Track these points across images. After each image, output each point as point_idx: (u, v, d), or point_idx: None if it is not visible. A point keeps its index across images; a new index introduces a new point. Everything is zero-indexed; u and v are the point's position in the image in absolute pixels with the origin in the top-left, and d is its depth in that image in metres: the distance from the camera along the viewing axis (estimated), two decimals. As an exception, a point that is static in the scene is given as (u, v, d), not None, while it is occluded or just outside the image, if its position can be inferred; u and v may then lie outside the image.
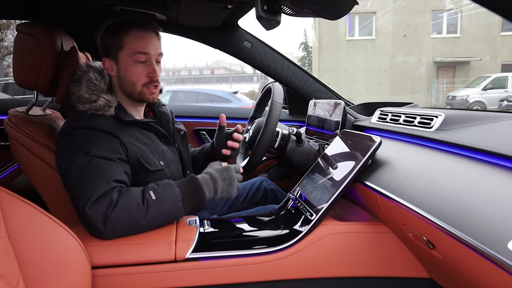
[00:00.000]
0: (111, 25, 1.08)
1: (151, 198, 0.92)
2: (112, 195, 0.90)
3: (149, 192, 0.93)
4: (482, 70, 14.86)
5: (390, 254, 0.97)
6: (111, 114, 1.04)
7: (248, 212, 1.25)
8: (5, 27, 15.09)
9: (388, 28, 15.73)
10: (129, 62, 1.05)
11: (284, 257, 0.93)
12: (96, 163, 0.94)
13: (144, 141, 1.09)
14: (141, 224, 0.91)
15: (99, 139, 0.98)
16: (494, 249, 0.55)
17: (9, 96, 8.19)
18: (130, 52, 1.05)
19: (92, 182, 0.91)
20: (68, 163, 0.95)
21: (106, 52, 1.08)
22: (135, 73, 1.06)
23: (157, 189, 0.95)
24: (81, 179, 0.92)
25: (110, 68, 1.08)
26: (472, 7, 14.58)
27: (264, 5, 0.93)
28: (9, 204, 0.68)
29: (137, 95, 1.09)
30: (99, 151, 0.96)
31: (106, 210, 0.88)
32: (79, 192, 0.91)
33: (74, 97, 1.05)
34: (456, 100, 12.65)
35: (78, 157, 0.94)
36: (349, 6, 1.05)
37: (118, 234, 0.90)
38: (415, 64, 15.85)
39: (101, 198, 0.89)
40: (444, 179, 0.76)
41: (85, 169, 0.93)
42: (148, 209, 0.91)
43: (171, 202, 0.94)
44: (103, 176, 0.93)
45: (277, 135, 1.30)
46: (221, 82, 36.74)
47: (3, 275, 0.58)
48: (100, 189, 0.90)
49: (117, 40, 1.05)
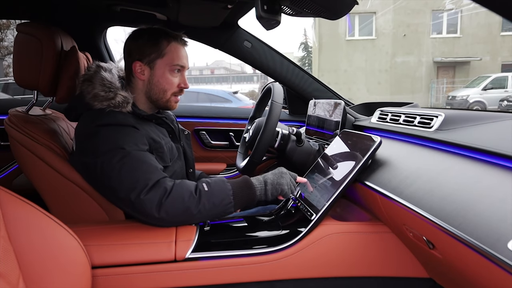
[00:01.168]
0: (150, 31, 1.11)
1: (204, 189, 0.97)
2: (166, 183, 0.95)
3: (202, 184, 0.98)
4: (482, 70, 14.86)
5: (390, 254, 0.97)
6: (128, 110, 1.07)
7: (248, 212, 1.25)
8: (5, 27, 15.08)
9: (388, 28, 15.73)
10: (166, 70, 1.11)
11: (284, 257, 0.93)
12: (135, 154, 0.98)
13: (160, 136, 1.12)
14: (192, 213, 0.94)
15: (127, 134, 1.01)
16: (494, 249, 0.55)
17: (9, 96, 8.19)
18: (170, 62, 1.11)
19: (142, 172, 0.95)
20: (107, 161, 0.96)
21: (139, 56, 1.10)
22: (170, 81, 1.12)
23: (210, 182, 1.00)
24: (128, 170, 0.95)
25: (141, 71, 1.11)
26: (472, 7, 14.58)
27: (264, 5, 0.93)
28: (9, 203, 0.68)
29: (164, 102, 1.14)
30: (133, 144, 0.99)
31: (161, 196, 0.92)
32: (130, 182, 0.94)
33: (89, 96, 1.06)
34: (456, 100, 12.65)
35: (117, 152, 0.97)
36: (349, 6, 1.05)
37: (170, 221, 0.95)
38: (415, 64, 15.85)
39: (157, 185, 0.93)
40: (444, 178, 0.76)
41: (129, 161, 0.96)
42: (200, 199, 0.95)
43: (223, 195, 0.98)
44: (149, 165, 0.97)
45: (277, 135, 1.30)
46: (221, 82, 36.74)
47: (3, 275, 0.58)
48: (154, 176, 0.95)
49: (157, 48, 1.09)
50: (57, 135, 1.15)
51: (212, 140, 1.96)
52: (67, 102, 1.16)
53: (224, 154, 1.97)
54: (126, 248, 0.90)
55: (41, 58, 1.11)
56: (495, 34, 15.44)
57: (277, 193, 1.04)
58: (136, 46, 1.11)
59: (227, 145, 1.97)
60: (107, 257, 0.88)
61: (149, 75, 1.11)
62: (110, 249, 0.89)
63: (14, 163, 1.64)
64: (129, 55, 1.12)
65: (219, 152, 1.97)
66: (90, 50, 1.41)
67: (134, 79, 1.13)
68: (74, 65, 1.15)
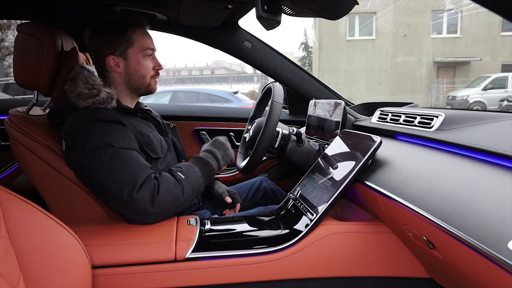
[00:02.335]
0: (113, 23, 1.12)
1: (181, 177, 1.03)
2: (153, 179, 0.99)
3: (177, 173, 1.04)
4: (482, 70, 14.85)
5: (390, 254, 0.97)
6: (114, 106, 1.08)
7: (248, 212, 1.25)
8: (6, 27, 15.08)
9: (388, 28, 15.73)
10: (140, 57, 1.13)
11: (284, 257, 0.93)
12: (124, 153, 1.00)
13: (147, 130, 1.14)
14: (180, 201, 1.01)
15: (115, 130, 1.03)
16: (494, 249, 0.55)
17: (9, 96, 8.19)
18: (140, 48, 1.13)
19: (131, 170, 0.98)
20: (96, 159, 0.98)
21: (110, 50, 1.10)
22: (146, 66, 1.14)
23: (182, 169, 1.06)
24: (118, 169, 0.97)
25: (115, 64, 1.12)
26: (472, 7, 14.57)
27: (264, 5, 0.93)
28: (10, 203, 0.68)
29: (145, 87, 1.16)
30: (121, 142, 1.01)
31: (152, 193, 0.96)
32: (120, 181, 0.96)
33: (72, 95, 1.06)
34: (456, 100, 12.65)
35: (106, 150, 0.98)
36: (349, 6, 1.05)
37: (163, 213, 0.99)
38: (415, 64, 15.85)
39: (146, 183, 0.97)
40: (444, 178, 0.76)
41: (118, 160, 0.98)
42: (183, 187, 1.02)
43: (196, 178, 1.07)
44: (137, 164, 1.00)
45: (277, 135, 1.30)
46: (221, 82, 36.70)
47: (4, 275, 0.58)
48: (142, 174, 0.98)
49: (125, 38, 1.11)
50: (57, 135, 1.15)
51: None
52: None
53: None
54: (126, 248, 0.90)
55: (41, 58, 1.11)
56: (495, 34, 15.43)
57: (227, 163, 1.18)
58: (103, 41, 1.11)
59: (227, 145, 1.97)
60: (107, 257, 0.88)
61: (125, 65, 1.13)
62: (110, 249, 0.89)
63: (15, 163, 1.64)
64: (97, 52, 1.12)
65: (219, 152, 1.97)
66: (90, 50, 1.41)
67: (110, 73, 1.13)
68: (74, 65, 1.15)
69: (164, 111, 1.90)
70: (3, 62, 15.50)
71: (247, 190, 1.45)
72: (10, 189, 0.70)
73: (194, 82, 37.58)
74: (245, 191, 1.45)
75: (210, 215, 1.26)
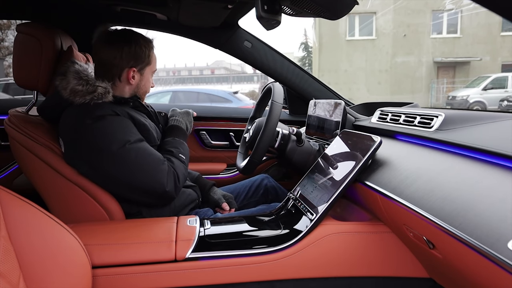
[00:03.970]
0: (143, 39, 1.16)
1: (184, 159, 1.18)
2: (170, 169, 1.10)
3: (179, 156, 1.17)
4: (482, 70, 14.85)
5: (390, 254, 0.97)
6: (110, 99, 1.10)
7: (250, 211, 1.26)
8: (6, 27, 15.08)
9: (388, 28, 15.72)
10: (149, 76, 1.23)
11: (284, 257, 0.93)
12: (140, 147, 1.07)
13: (143, 119, 1.17)
14: (185, 177, 1.18)
15: (124, 124, 1.08)
16: (494, 249, 0.55)
17: (9, 96, 8.19)
18: (153, 68, 1.23)
19: (154, 166, 1.07)
20: (118, 157, 1.03)
21: (134, 63, 1.15)
22: (149, 84, 1.25)
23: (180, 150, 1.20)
24: (143, 167, 1.06)
25: (132, 77, 1.16)
26: (472, 7, 14.56)
27: (264, 5, 0.93)
28: (10, 203, 0.68)
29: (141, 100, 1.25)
30: (134, 136, 1.07)
31: (175, 182, 1.10)
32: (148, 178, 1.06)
33: (66, 92, 1.06)
34: (456, 100, 12.64)
35: (125, 149, 1.04)
36: (349, 6, 1.04)
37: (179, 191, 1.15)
38: (415, 64, 15.84)
39: (168, 176, 1.09)
40: (444, 178, 0.76)
41: (141, 155, 1.06)
42: (187, 165, 1.20)
43: (187, 151, 1.24)
44: (154, 157, 1.09)
45: (277, 135, 1.30)
46: (221, 82, 36.68)
47: (4, 275, 0.58)
48: (163, 168, 1.08)
49: (147, 56, 1.18)
50: (57, 135, 1.15)
51: (212, 140, 1.96)
52: None
53: (224, 154, 1.97)
54: (126, 248, 0.90)
55: (40, 58, 1.11)
56: (495, 34, 15.42)
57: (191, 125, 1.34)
58: (131, 53, 1.13)
59: (227, 145, 1.97)
60: (107, 257, 0.88)
61: (138, 80, 1.18)
62: (110, 249, 0.89)
63: (14, 163, 1.64)
64: (119, 59, 1.12)
65: (219, 152, 1.97)
66: (90, 50, 1.41)
67: (120, 83, 1.16)
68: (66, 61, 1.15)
69: (164, 111, 1.90)
70: (3, 62, 15.49)
71: (247, 188, 1.45)
72: (10, 189, 0.70)
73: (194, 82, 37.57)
74: (246, 189, 1.45)
75: (212, 213, 1.26)
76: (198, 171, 1.47)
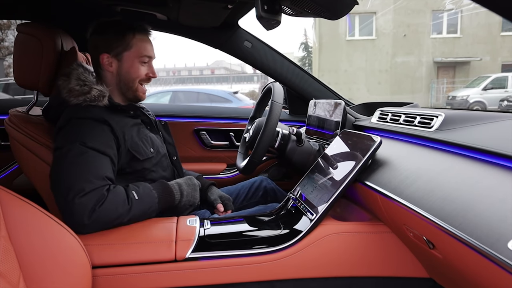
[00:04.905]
0: (114, 24, 1.13)
1: (134, 197, 0.99)
2: (103, 191, 0.95)
3: (132, 192, 1.00)
4: (482, 70, 14.85)
5: (390, 254, 0.97)
6: (105, 104, 1.09)
7: (249, 211, 1.26)
8: (6, 27, 15.08)
9: (388, 28, 15.72)
10: (135, 62, 1.14)
11: (284, 257, 0.93)
12: (91, 155, 0.98)
13: (135, 130, 1.14)
14: (122, 221, 0.96)
15: (95, 131, 1.02)
16: (494, 249, 0.55)
17: (9, 96, 8.19)
18: (137, 54, 1.13)
19: (86, 174, 0.95)
20: (64, 152, 0.97)
21: (106, 49, 1.12)
22: (138, 71, 1.15)
23: (138, 190, 1.02)
24: (75, 168, 0.95)
25: (108, 63, 1.13)
26: (472, 7, 14.56)
27: (264, 5, 0.93)
28: (10, 203, 0.68)
29: (132, 92, 1.16)
30: (96, 143, 1.00)
31: (95, 204, 0.92)
32: (70, 181, 0.93)
33: (64, 91, 1.07)
34: (456, 100, 12.64)
35: (74, 147, 0.97)
36: (349, 6, 1.04)
37: (98, 228, 0.93)
38: (415, 64, 15.84)
39: (94, 192, 0.93)
40: (444, 178, 0.76)
41: (80, 159, 0.96)
42: (131, 207, 0.97)
43: (150, 202, 1.03)
44: (97, 170, 0.97)
45: (277, 135, 1.30)
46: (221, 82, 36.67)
47: (4, 275, 0.58)
48: (94, 183, 0.94)
49: (123, 40, 1.11)
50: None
51: (212, 140, 1.96)
52: None
53: (224, 154, 1.97)
54: (126, 248, 0.90)
55: (41, 58, 1.11)
56: (495, 34, 15.42)
57: (189, 204, 1.14)
58: (102, 40, 1.13)
59: (227, 145, 1.97)
60: (107, 257, 0.88)
61: (117, 66, 1.14)
62: (110, 249, 0.89)
63: (15, 163, 1.64)
64: (95, 49, 1.14)
65: (219, 152, 1.97)
66: (91, 50, 1.41)
67: (102, 71, 1.15)
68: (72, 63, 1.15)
69: (164, 111, 1.90)
70: (3, 62, 15.49)
71: (247, 189, 1.45)
72: (10, 189, 0.70)
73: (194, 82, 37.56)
74: (245, 190, 1.45)
75: (210, 214, 1.26)
76: (198, 171, 1.47)
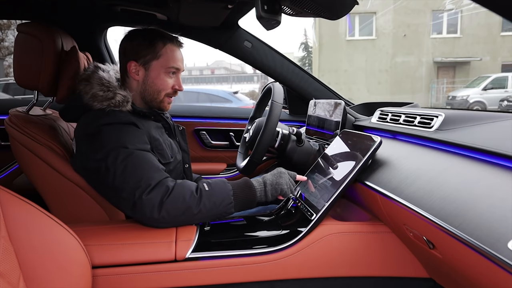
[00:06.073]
0: (145, 32, 1.13)
1: (204, 188, 0.97)
2: (168, 183, 0.95)
3: (202, 184, 0.99)
4: (482, 70, 14.85)
5: (390, 254, 0.97)
6: (128, 109, 1.08)
7: (249, 211, 1.25)
8: (6, 27, 15.08)
9: (388, 28, 15.72)
10: (161, 72, 1.12)
11: (284, 257, 0.93)
12: (139, 155, 0.98)
13: (158, 133, 1.14)
14: (193, 213, 0.94)
15: (129, 132, 1.02)
16: (494, 249, 0.55)
17: (9, 96, 8.20)
18: (165, 64, 1.12)
19: (145, 171, 0.95)
20: (111, 160, 0.96)
21: (134, 56, 1.11)
22: (164, 83, 1.13)
23: (210, 183, 1.00)
24: (131, 170, 0.95)
25: (135, 71, 1.12)
26: (472, 7, 14.56)
27: (264, 5, 0.93)
28: (10, 203, 0.68)
29: (157, 103, 1.15)
30: (136, 144, 1.00)
31: (163, 196, 0.92)
32: (132, 182, 0.93)
33: (87, 96, 1.06)
34: (456, 100, 12.64)
35: (120, 152, 0.97)
36: (349, 6, 1.04)
37: (170, 221, 0.94)
38: (415, 64, 15.84)
39: (159, 185, 0.94)
40: (444, 178, 0.76)
41: (132, 161, 0.96)
42: (201, 198, 0.95)
43: (223, 195, 0.98)
44: (152, 165, 0.98)
45: (277, 135, 1.30)
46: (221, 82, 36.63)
47: (4, 275, 0.58)
48: (156, 176, 0.95)
49: (152, 49, 1.10)
50: (57, 135, 1.15)
51: (212, 140, 1.96)
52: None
53: (224, 154, 1.97)
54: (126, 248, 0.90)
55: (41, 58, 1.11)
56: (495, 34, 15.42)
57: (277, 193, 1.04)
58: (131, 46, 1.12)
59: (227, 145, 1.97)
60: (107, 257, 0.88)
61: (144, 75, 1.12)
62: (110, 249, 0.89)
63: (15, 163, 1.64)
64: (123, 55, 1.13)
65: (219, 152, 1.97)
66: (91, 50, 1.41)
67: (128, 79, 1.14)
68: (74, 65, 1.15)
69: None
70: (3, 62, 15.50)
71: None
72: (10, 189, 0.70)
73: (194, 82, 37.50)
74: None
75: None
76: (198, 171, 1.48)
